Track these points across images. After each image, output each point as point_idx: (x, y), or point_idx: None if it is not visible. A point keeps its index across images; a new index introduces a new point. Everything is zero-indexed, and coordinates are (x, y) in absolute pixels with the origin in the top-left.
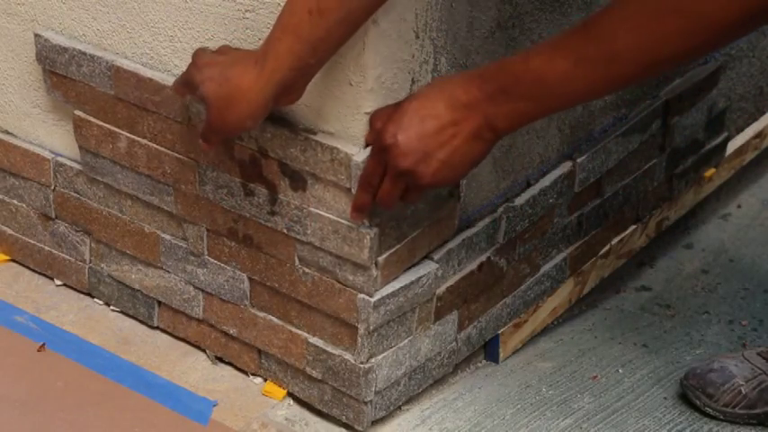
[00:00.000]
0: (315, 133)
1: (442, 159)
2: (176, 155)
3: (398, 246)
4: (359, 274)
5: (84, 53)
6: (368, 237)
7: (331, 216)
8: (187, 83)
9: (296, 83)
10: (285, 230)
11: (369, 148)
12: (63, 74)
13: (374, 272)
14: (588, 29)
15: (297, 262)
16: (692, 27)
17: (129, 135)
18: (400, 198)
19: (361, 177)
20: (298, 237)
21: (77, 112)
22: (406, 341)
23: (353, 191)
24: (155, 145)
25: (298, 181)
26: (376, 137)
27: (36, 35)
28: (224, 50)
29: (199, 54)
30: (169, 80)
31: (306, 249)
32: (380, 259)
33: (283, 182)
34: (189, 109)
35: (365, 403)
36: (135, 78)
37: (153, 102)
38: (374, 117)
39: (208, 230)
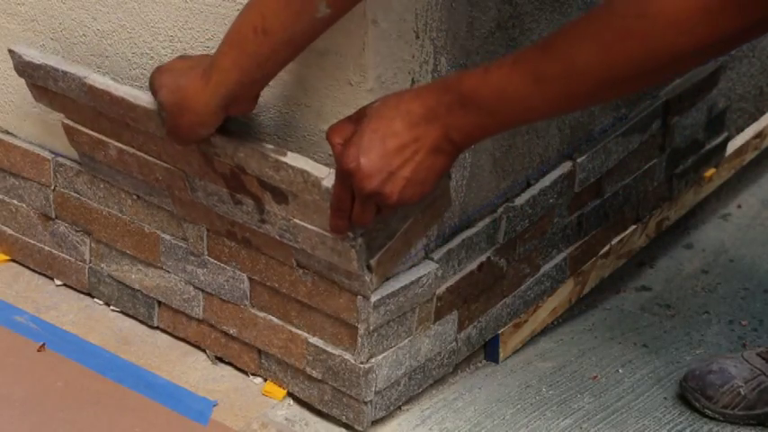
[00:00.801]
0: (285, 155)
1: (407, 177)
2: (164, 164)
3: (390, 243)
4: (353, 279)
5: (57, 69)
6: (353, 250)
7: (316, 229)
8: (149, 84)
9: (243, 95)
10: (278, 237)
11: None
12: (44, 86)
13: (367, 277)
14: (550, 45)
15: (294, 264)
16: (655, 49)
17: (116, 144)
18: (376, 213)
19: (332, 203)
20: (290, 243)
21: (66, 121)
22: (406, 341)
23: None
24: (142, 154)
25: (279, 195)
26: (337, 161)
27: (10, 51)
28: (185, 57)
29: (172, 61)
30: (140, 97)
31: (301, 254)
32: (373, 261)
33: (266, 195)
34: (164, 124)
35: (365, 403)
36: (108, 96)
37: (130, 117)
38: (331, 133)
39: (207, 230)
